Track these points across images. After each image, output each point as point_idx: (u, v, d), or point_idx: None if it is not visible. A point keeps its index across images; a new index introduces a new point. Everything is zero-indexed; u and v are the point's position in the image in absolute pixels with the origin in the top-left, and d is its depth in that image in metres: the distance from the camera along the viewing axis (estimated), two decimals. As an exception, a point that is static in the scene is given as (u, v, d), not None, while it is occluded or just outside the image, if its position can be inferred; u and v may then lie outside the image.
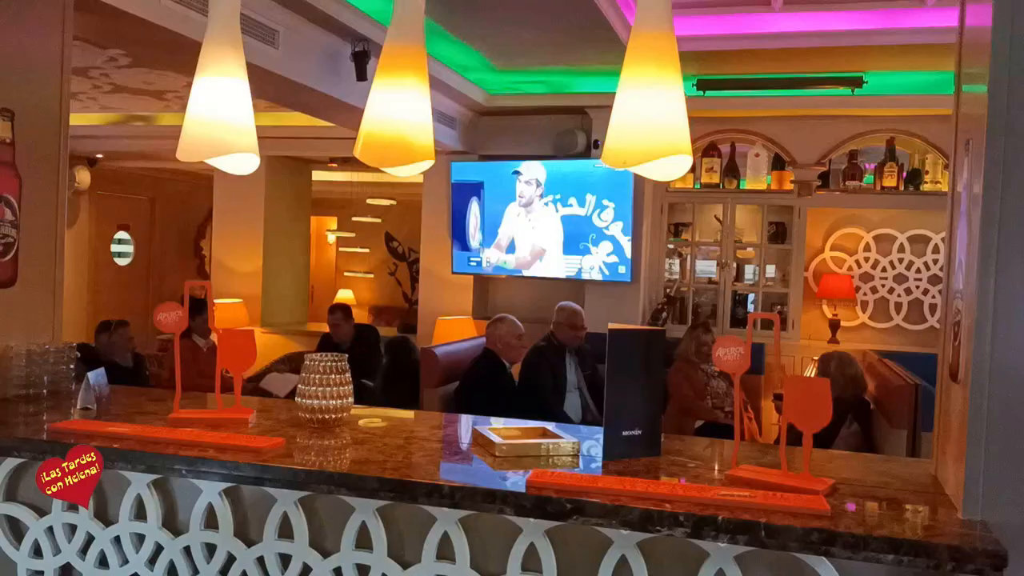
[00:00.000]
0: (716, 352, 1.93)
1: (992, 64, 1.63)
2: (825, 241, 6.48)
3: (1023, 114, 1.61)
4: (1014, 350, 1.62)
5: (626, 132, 1.89)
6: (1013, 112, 1.62)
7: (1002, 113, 1.62)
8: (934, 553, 1.49)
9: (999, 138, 1.62)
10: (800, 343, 6.18)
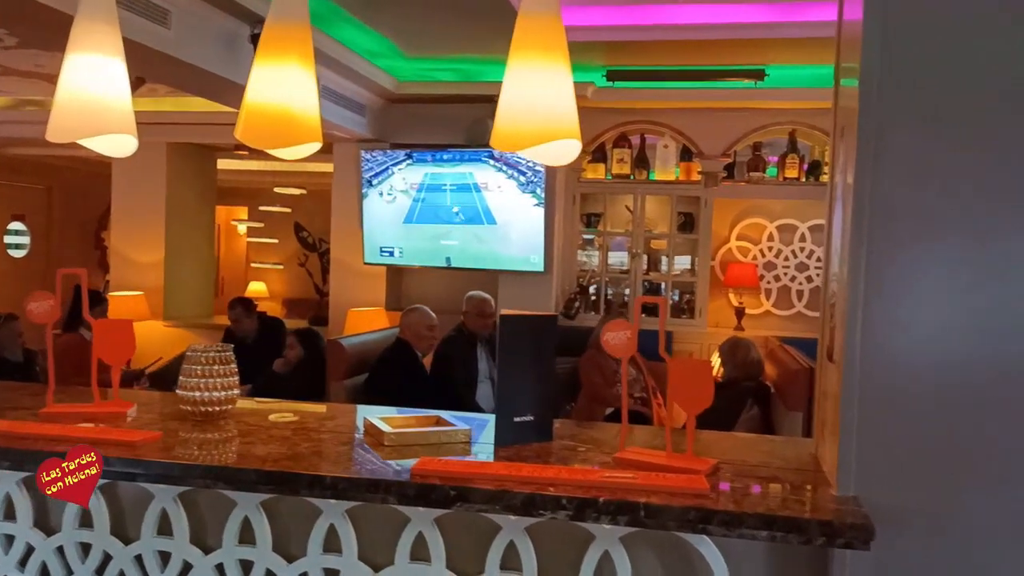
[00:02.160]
0: (604, 336, 1.94)
1: (863, 58, 1.68)
2: (731, 231, 6.63)
3: (893, 107, 1.66)
4: (884, 331, 1.67)
5: (514, 115, 1.88)
6: (883, 105, 1.66)
7: (873, 106, 1.66)
8: (805, 529, 1.52)
9: (869, 130, 1.67)
10: (707, 330, 6.31)
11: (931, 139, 1.65)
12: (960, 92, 1.64)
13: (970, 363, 1.65)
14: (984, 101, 1.64)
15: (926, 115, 1.66)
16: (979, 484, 1.65)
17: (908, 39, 1.65)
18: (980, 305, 1.64)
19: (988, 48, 1.63)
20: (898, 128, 1.66)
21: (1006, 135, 1.63)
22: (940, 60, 1.65)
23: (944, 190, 1.65)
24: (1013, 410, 1.64)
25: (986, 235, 1.64)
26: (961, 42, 1.64)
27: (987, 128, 1.64)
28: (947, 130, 1.65)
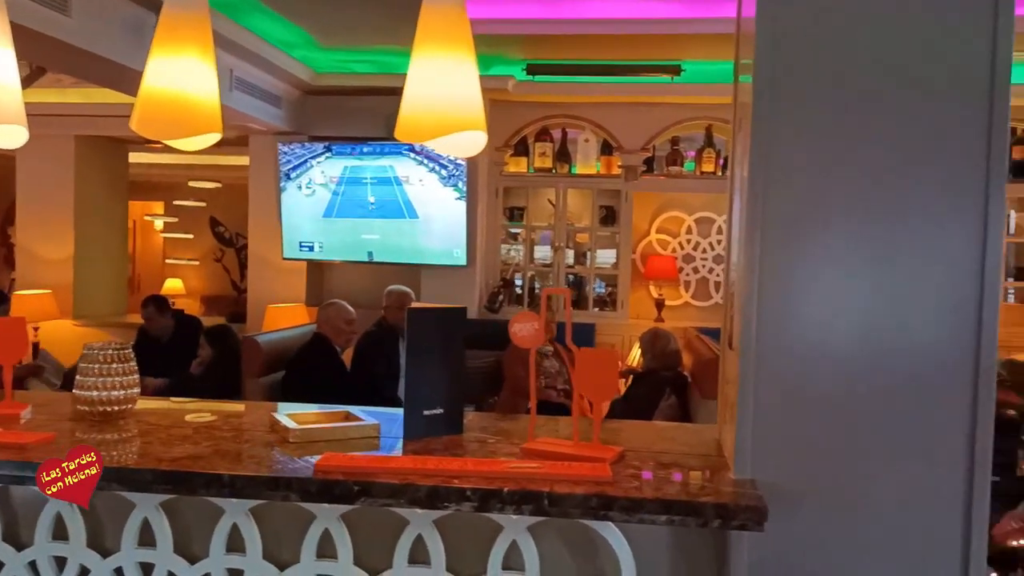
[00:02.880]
0: (512, 328, 1.95)
1: (756, 54, 1.72)
2: (651, 224, 6.74)
3: (784, 103, 1.71)
4: (778, 319, 1.72)
5: (418, 107, 1.87)
6: (775, 101, 1.71)
7: (765, 101, 1.71)
8: (702, 512, 1.56)
9: (763, 126, 1.71)
10: (629, 322, 6.40)
11: (821, 134, 1.71)
12: (849, 88, 1.70)
13: (858, 348, 1.71)
14: (871, 97, 1.70)
15: (817, 110, 1.71)
16: (868, 463, 1.72)
17: (799, 36, 1.70)
18: (867, 292, 1.70)
19: (875, 45, 1.69)
20: (790, 123, 1.71)
21: (892, 129, 1.69)
22: (830, 56, 1.70)
23: (833, 183, 1.71)
24: (899, 392, 1.71)
25: (873, 226, 1.70)
26: (850, 39, 1.70)
27: (874, 122, 1.70)
28: (836, 125, 1.71)
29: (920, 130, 1.69)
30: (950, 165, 1.68)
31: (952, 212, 1.69)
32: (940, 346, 1.69)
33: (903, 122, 1.69)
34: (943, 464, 1.70)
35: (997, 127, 1.66)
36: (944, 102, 1.68)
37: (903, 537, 1.71)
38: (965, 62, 1.67)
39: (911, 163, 1.69)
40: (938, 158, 1.68)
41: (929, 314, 1.70)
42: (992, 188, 1.67)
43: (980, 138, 1.67)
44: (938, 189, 1.69)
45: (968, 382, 1.69)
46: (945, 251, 1.69)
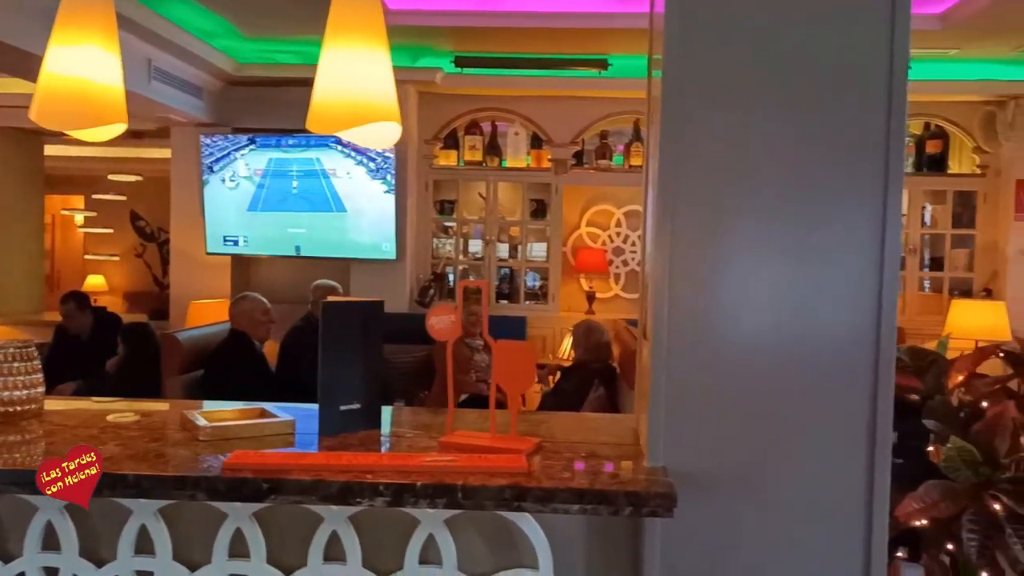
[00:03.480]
0: (429, 320, 1.94)
1: (664, 49, 1.74)
2: (581, 217, 6.79)
3: (694, 99, 1.73)
4: (688, 309, 1.75)
5: (330, 97, 1.84)
6: (684, 97, 1.73)
7: (674, 97, 1.74)
8: (614, 500, 1.58)
9: (672, 120, 1.74)
10: (560, 315, 6.44)
11: (729, 129, 1.74)
12: (755, 84, 1.73)
13: (767, 337, 1.75)
14: (777, 93, 1.74)
15: (724, 106, 1.74)
16: (776, 449, 1.76)
17: (706, 32, 1.73)
18: (775, 283, 1.74)
19: (779, 42, 1.73)
20: (698, 118, 1.73)
21: (797, 124, 1.73)
22: (736, 53, 1.73)
23: (742, 177, 1.74)
24: (805, 380, 1.75)
25: (780, 219, 1.74)
26: (755, 36, 1.73)
27: (780, 117, 1.74)
28: (743, 120, 1.74)
29: (823, 126, 1.73)
30: (852, 161, 1.73)
31: (854, 206, 1.73)
32: (843, 335, 1.74)
33: (807, 118, 1.73)
34: (847, 448, 1.75)
35: (895, 124, 1.72)
36: (845, 99, 1.72)
37: (808, 519, 1.76)
38: (864, 60, 1.72)
39: (815, 158, 1.73)
40: (840, 153, 1.73)
41: (833, 304, 1.75)
42: (891, 182, 1.72)
43: (879, 134, 1.72)
44: (841, 184, 1.74)
45: (869, 369, 1.74)
46: (848, 244, 1.74)
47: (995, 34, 4.87)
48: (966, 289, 6.19)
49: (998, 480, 1.88)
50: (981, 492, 1.89)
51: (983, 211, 6.09)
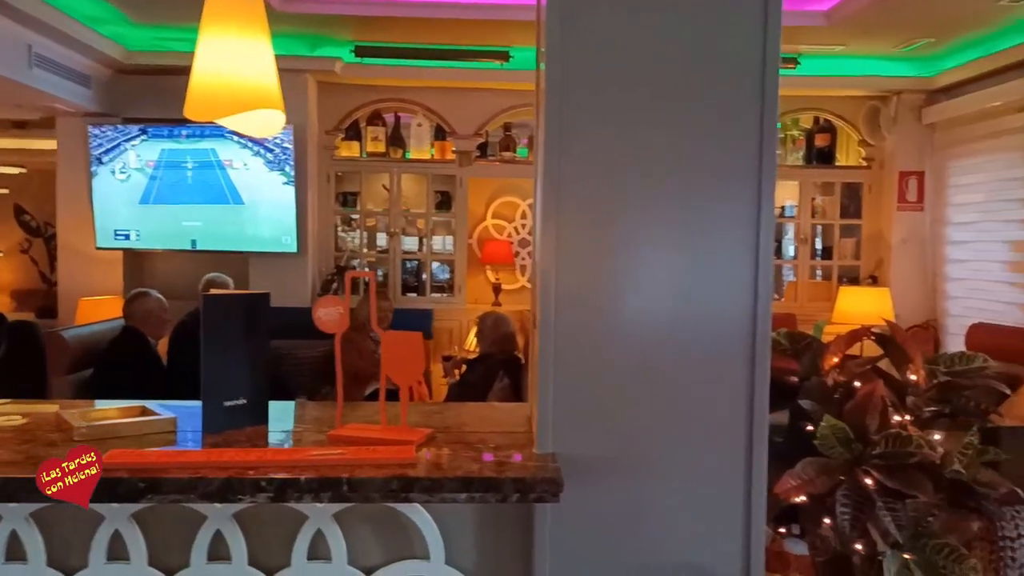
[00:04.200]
0: (316, 312, 1.91)
1: (546, 42, 1.76)
2: (487, 209, 6.80)
3: (577, 92, 1.75)
4: (574, 297, 1.77)
5: (207, 84, 1.79)
6: (567, 89, 1.75)
7: (557, 89, 1.75)
8: (500, 487, 1.59)
9: (556, 113, 1.75)
10: (467, 307, 6.44)
11: (611, 121, 1.77)
12: (635, 78, 1.77)
13: (650, 324, 1.79)
14: (656, 86, 1.77)
15: (606, 98, 1.76)
16: (660, 431, 1.80)
17: (587, 25, 1.75)
18: (657, 271, 1.78)
19: (658, 36, 1.77)
20: (581, 110, 1.76)
21: (677, 117, 1.78)
22: (617, 47, 1.76)
23: (623, 168, 1.77)
24: (687, 364, 1.80)
25: (662, 209, 1.78)
26: (635, 29, 1.76)
27: (660, 110, 1.78)
28: (625, 113, 1.77)
29: (701, 119, 1.78)
30: (728, 153, 1.78)
31: (731, 196, 1.79)
32: (723, 320, 1.80)
33: (686, 111, 1.77)
34: (727, 429, 1.81)
35: (767, 118, 1.77)
36: (721, 93, 1.77)
37: (692, 498, 1.81)
38: (739, 56, 1.77)
39: (694, 150, 1.78)
40: (717, 146, 1.78)
41: (714, 291, 1.80)
42: (764, 174, 1.78)
43: (753, 128, 1.77)
44: (719, 175, 1.79)
45: (747, 352, 1.80)
46: (726, 233, 1.79)
47: (878, 31, 5.10)
48: (854, 276, 6.47)
49: (869, 456, 1.97)
50: (854, 467, 1.98)
51: (868, 202, 6.39)
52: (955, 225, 5.79)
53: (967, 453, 2.00)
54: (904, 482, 1.92)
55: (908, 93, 5.98)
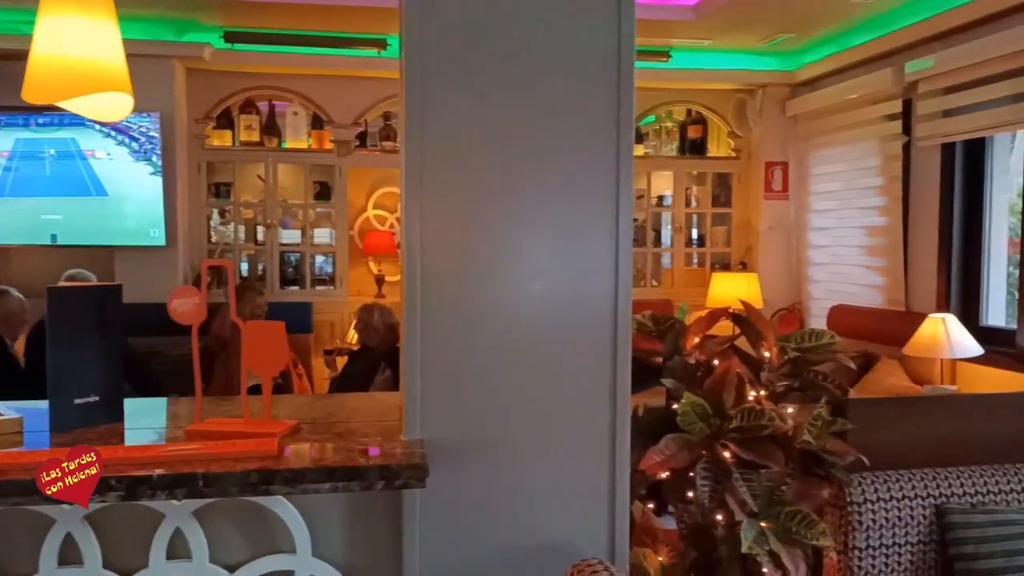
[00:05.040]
0: (171, 304, 1.84)
1: (405, 27, 1.75)
2: (368, 200, 6.71)
3: (435, 78, 1.75)
4: (440, 283, 1.78)
5: (48, 65, 1.69)
6: (426, 76, 1.75)
7: (416, 77, 1.75)
8: (365, 475, 1.58)
9: (416, 99, 1.75)
10: (348, 299, 6.34)
11: (470, 105, 1.78)
12: (494, 64, 1.78)
13: (514, 309, 1.82)
14: (516, 72, 1.79)
15: (466, 86, 1.77)
16: (528, 414, 1.83)
17: (444, 13, 1.75)
18: (520, 257, 1.81)
19: (515, 24, 1.78)
20: (440, 95, 1.76)
21: (537, 103, 1.80)
22: (475, 35, 1.77)
23: (484, 153, 1.79)
24: (553, 347, 1.84)
25: (524, 196, 1.81)
26: (493, 17, 1.77)
27: (520, 96, 1.80)
28: (485, 101, 1.79)
29: (560, 106, 1.81)
30: (587, 141, 1.82)
31: (591, 182, 1.83)
32: (585, 303, 1.84)
33: (545, 99, 1.80)
34: (591, 409, 1.86)
35: (624, 108, 1.82)
36: (578, 83, 1.81)
37: (559, 478, 1.85)
38: (595, 48, 1.81)
39: (554, 137, 1.81)
40: (576, 134, 1.82)
41: (575, 274, 1.84)
42: (621, 161, 1.83)
43: (610, 117, 1.82)
44: (579, 160, 1.83)
45: (610, 334, 1.85)
46: (586, 218, 1.83)
47: (743, 27, 5.32)
48: (725, 263, 6.74)
49: (727, 430, 2.06)
50: (712, 442, 2.07)
51: (738, 191, 6.65)
52: (816, 212, 6.10)
53: (816, 424, 2.12)
54: (758, 453, 2.02)
55: (772, 87, 6.26)
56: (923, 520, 2.19)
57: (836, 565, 2.20)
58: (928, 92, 4.76)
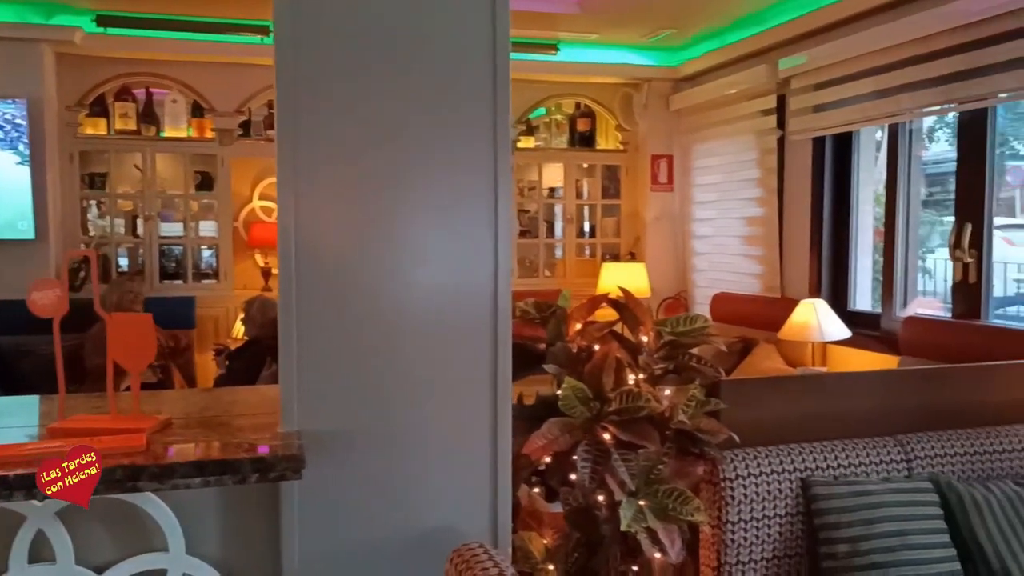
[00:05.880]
0: (31, 296, 1.75)
1: (275, 14, 1.72)
2: (253, 190, 6.53)
3: (309, 67, 1.74)
4: (315, 273, 1.76)
5: None
6: (299, 64, 1.73)
7: (288, 63, 1.73)
8: (239, 468, 1.55)
9: (288, 86, 1.73)
10: (234, 292, 6.15)
11: (345, 94, 1.78)
12: (369, 53, 1.78)
13: (395, 296, 1.81)
14: (391, 62, 1.79)
15: (340, 73, 1.77)
16: (410, 402, 1.84)
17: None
18: (402, 246, 1.81)
19: (391, 12, 1.78)
20: (315, 85, 1.75)
21: (414, 95, 1.81)
22: (348, 22, 1.77)
23: (361, 142, 1.79)
24: (434, 335, 1.84)
25: (404, 182, 1.81)
26: (367, 5, 1.77)
27: (396, 86, 1.80)
28: (360, 86, 1.78)
29: (438, 98, 1.83)
30: (465, 132, 1.84)
31: (470, 173, 1.85)
32: (466, 292, 1.86)
33: (422, 87, 1.81)
34: (473, 395, 1.88)
35: (500, 100, 1.84)
36: (455, 75, 1.83)
37: (441, 465, 1.86)
38: (470, 40, 1.83)
39: (433, 129, 1.83)
40: (455, 125, 1.83)
41: (454, 264, 1.86)
42: (499, 152, 1.85)
43: (487, 110, 1.84)
44: (456, 151, 1.84)
45: (490, 322, 1.88)
46: (466, 208, 1.85)
47: (627, 21, 5.44)
48: (615, 253, 6.89)
49: (606, 413, 2.11)
50: (593, 425, 2.12)
51: (626, 183, 6.81)
52: (700, 204, 6.32)
53: (691, 405, 2.20)
54: (636, 435, 2.08)
55: (656, 81, 6.43)
56: (790, 493, 2.30)
57: (711, 539, 2.29)
58: (800, 88, 5.00)
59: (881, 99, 4.35)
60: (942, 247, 4.10)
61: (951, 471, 2.44)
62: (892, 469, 2.41)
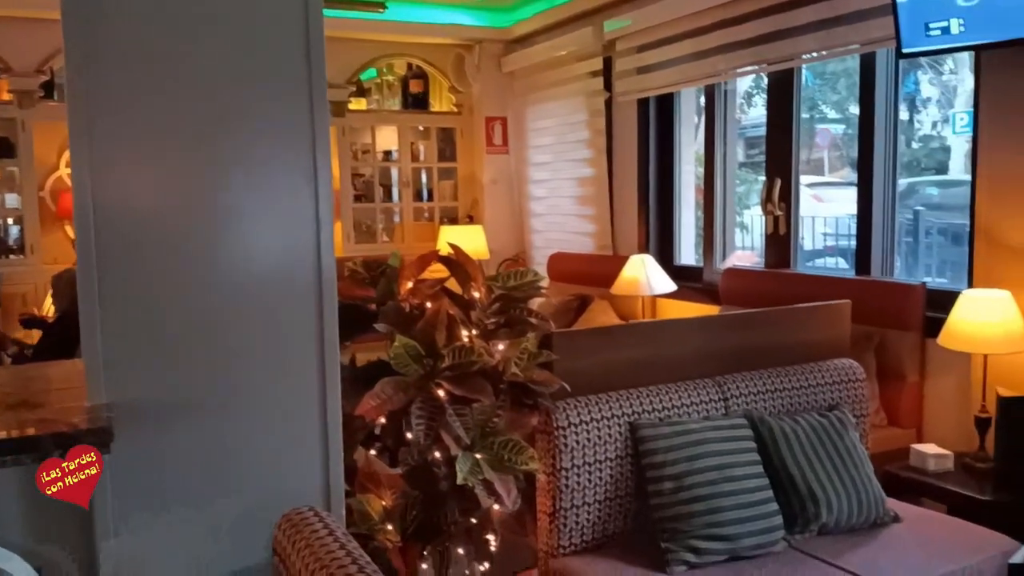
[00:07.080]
0: None
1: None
2: (60, 157, 6.03)
3: (102, 11, 1.61)
4: (119, 238, 1.65)
5: None
6: (93, 9, 1.60)
7: (79, 11, 1.60)
8: (39, 446, 1.44)
9: (76, 34, 1.60)
10: (43, 267, 5.68)
11: (149, 52, 1.67)
12: (167, 33, 1.67)
13: (210, 262, 1.74)
14: (190, 41, 1.69)
15: (144, 32, 1.66)
16: (234, 370, 1.76)
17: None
18: (213, 212, 1.72)
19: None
20: (103, 30, 1.62)
21: (224, 60, 1.72)
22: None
23: (166, 104, 1.69)
24: (255, 301, 1.78)
25: (215, 145, 1.72)
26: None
27: (199, 31, 1.69)
28: (164, 43, 1.68)
29: (248, 62, 1.74)
30: (280, 95, 1.76)
31: (288, 134, 1.78)
32: (288, 256, 1.81)
33: (231, 42, 1.72)
34: (299, 359, 1.83)
35: (315, 62, 1.77)
36: (264, 37, 1.75)
37: (270, 430, 1.81)
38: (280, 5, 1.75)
39: (245, 92, 1.75)
40: (269, 88, 1.76)
41: (275, 228, 1.79)
42: (316, 115, 1.79)
43: (301, 72, 1.76)
44: (271, 111, 1.78)
45: (314, 284, 1.83)
46: (285, 171, 1.79)
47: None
48: (453, 216, 6.89)
49: (440, 369, 2.12)
50: (427, 382, 2.12)
51: (462, 145, 6.80)
52: (534, 165, 6.41)
53: (523, 358, 2.24)
54: (470, 389, 2.10)
55: (488, 43, 6.43)
56: (620, 437, 2.40)
57: (546, 486, 2.35)
58: (625, 50, 5.14)
59: (699, 61, 4.55)
60: (759, 204, 4.36)
61: (763, 407, 2.63)
62: (712, 408, 2.56)
